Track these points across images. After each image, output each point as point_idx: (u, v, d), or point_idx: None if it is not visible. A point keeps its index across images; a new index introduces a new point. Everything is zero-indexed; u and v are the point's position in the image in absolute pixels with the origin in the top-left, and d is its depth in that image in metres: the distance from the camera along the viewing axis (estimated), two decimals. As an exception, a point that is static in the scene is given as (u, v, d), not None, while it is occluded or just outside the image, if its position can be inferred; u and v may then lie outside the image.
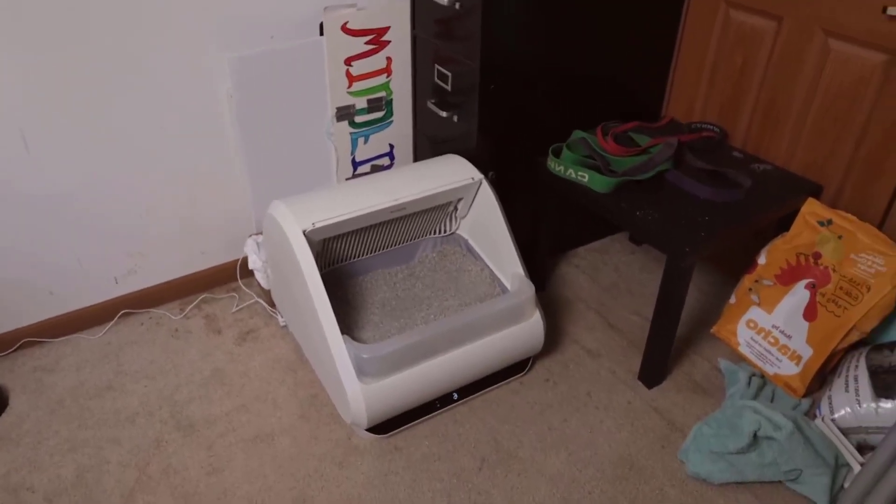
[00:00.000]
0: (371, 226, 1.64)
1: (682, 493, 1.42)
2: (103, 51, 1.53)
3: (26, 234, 1.64)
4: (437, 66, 1.76)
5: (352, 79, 1.80)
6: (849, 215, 1.55)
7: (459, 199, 1.70)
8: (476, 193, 1.68)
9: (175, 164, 1.75)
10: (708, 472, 1.41)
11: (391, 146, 1.99)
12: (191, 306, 1.91)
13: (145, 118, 1.65)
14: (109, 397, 1.64)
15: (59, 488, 1.43)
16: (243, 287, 1.97)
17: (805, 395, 1.59)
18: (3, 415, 1.59)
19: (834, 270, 1.55)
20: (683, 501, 1.40)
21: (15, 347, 1.76)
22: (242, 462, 1.48)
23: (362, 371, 1.41)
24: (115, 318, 1.85)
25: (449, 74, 1.72)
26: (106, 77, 1.56)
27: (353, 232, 1.63)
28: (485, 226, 1.71)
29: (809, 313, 1.58)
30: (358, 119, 1.88)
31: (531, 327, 1.59)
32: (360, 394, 1.41)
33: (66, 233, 1.69)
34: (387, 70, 1.84)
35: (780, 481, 1.41)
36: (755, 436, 1.37)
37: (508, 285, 1.65)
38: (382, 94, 1.88)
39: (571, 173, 1.63)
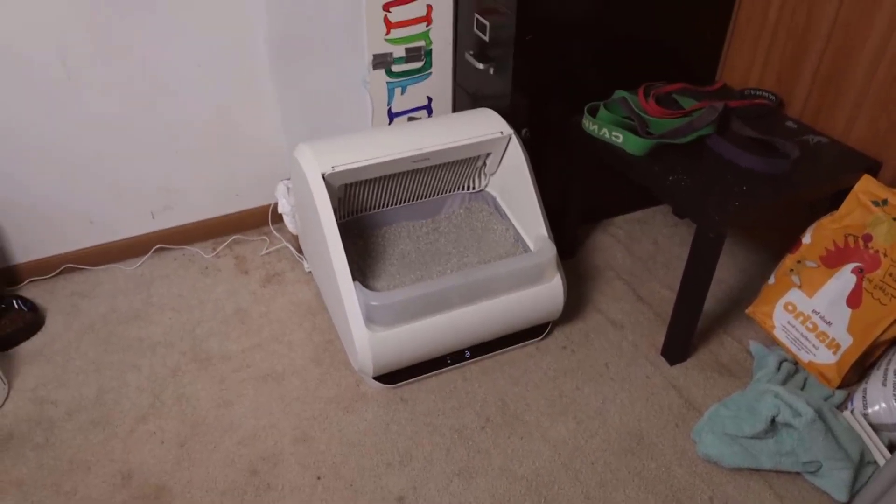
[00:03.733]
0: (397, 175, 1.62)
1: (690, 473, 1.36)
2: (143, -16, 1.55)
3: (68, 162, 1.70)
4: (476, 15, 1.70)
5: (390, 25, 1.76)
6: (908, 196, 1.42)
7: (488, 155, 1.65)
8: (505, 149, 1.63)
9: (210, 102, 1.77)
10: (720, 454, 1.34)
11: (429, 98, 1.95)
12: (222, 246, 1.95)
13: (183, 53, 1.67)
14: (136, 326, 1.70)
15: (80, 405, 1.49)
16: (274, 231, 2.00)
17: (840, 387, 1.49)
18: (39, 333, 1.68)
19: (885, 255, 1.43)
20: (690, 482, 1.34)
21: (57, 272, 1.84)
22: (252, 398, 1.51)
23: (371, 318, 1.40)
24: (150, 252, 1.92)
25: (487, 24, 1.66)
26: (147, 9, 1.58)
27: (378, 180, 1.61)
28: (513, 184, 1.65)
29: (854, 300, 1.46)
30: (395, 68, 1.85)
31: (550, 290, 1.54)
32: (366, 341, 1.41)
33: (105, 164, 1.74)
34: (427, 18, 1.79)
35: (798, 472, 1.33)
36: (773, 421, 1.29)
37: (532, 247, 1.60)
38: (422, 43, 1.83)
39: (606, 133, 1.55)
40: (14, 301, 1.71)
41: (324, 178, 1.45)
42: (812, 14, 1.57)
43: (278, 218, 1.96)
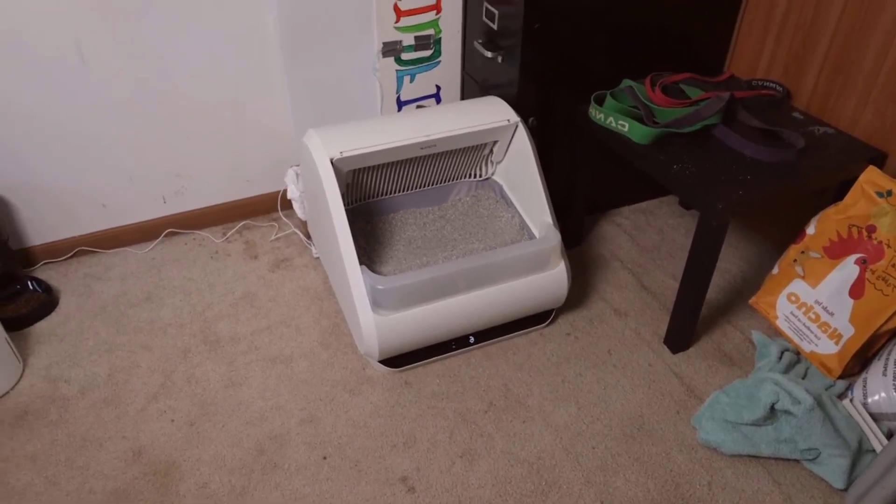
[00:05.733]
0: (405, 162, 1.64)
1: (690, 459, 1.37)
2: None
3: (82, 148, 1.73)
4: (485, 4, 1.71)
5: (400, 13, 1.77)
6: (912, 187, 1.42)
7: (495, 142, 1.66)
8: (512, 137, 1.64)
9: (221, 89, 1.79)
10: (720, 440, 1.36)
11: (438, 87, 1.97)
12: (232, 231, 1.98)
13: (195, 40, 1.69)
14: (147, 308, 1.73)
15: (93, 384, 1.53)
16: (283, 217, 2.02)
17: (842, 377, 1.50)
18: (53, 314, 1.71)
19: (888, 246, 1.43)
20: (690, 468, 1.36)
21: (70, 254, 1.88)
22: (259, 379, 1.54)
23: (377, 302, 1.43)
24: (161, 236, 1.95)
25: (496, 13, 1.67)
26: (158, -3, 1.61)
27: (386, 166, 1.63)
28: (519, 172, 1.67)
29: (856, 290, 1.47)
30: (405, 56, 1.86)
31: (554, 277, 1.56)
32: (372, 324, 1.43)
33: (118, 149, 1.77)
34: (436, 7, 1.81)
35: (796, 460, 1.34)
36: (772, 408, 1.30)
37: (537, 235, 1.61)
38: (431, 31, 1.84)
39: (612, 122, 1.56)
40: (29, 282, 1.74)
41: (332, 163, 1.47)
42: (820, 5, 1.57)
43: (287, 204, 1.99)
